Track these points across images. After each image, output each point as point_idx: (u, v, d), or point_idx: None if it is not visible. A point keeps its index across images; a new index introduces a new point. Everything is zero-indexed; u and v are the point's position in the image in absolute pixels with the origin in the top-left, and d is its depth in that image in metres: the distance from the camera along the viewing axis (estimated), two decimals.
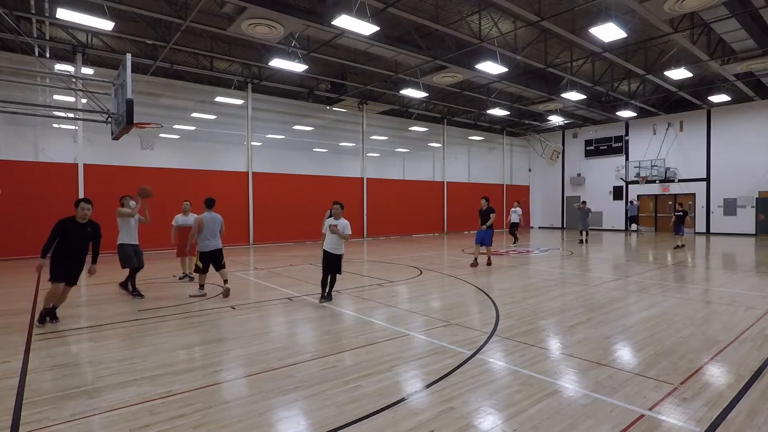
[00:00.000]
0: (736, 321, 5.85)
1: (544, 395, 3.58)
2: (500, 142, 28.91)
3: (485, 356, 4.55)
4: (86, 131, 14.34)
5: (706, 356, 4.50)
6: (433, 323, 5.88)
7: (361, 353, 4.69)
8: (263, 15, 11.17)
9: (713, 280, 9.39)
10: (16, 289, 8.63)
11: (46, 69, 13.18)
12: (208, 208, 7.78)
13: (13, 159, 13.58)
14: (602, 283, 8.86)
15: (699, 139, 23.10)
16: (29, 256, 13.41)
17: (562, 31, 12.88)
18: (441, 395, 3.60)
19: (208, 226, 7.59)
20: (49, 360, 4.57)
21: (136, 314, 6.45)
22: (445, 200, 25.14)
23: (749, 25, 13.14)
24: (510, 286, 8.62)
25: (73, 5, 10.84)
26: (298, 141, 20.26)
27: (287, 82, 18.13)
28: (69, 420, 3.25)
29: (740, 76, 17.68)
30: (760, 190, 21.19)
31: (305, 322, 6.08)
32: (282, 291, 8.26)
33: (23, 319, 6.23)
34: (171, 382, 3.92)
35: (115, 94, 8.17)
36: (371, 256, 14.39)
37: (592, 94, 20.19)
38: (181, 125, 17.17)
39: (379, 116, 22.64)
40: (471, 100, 22.03)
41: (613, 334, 5.30)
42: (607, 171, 26.68)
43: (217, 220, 7.72)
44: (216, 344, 5.10)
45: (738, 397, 3.52)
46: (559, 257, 13.52)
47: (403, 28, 13.54)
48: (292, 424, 3.20)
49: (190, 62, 15.77)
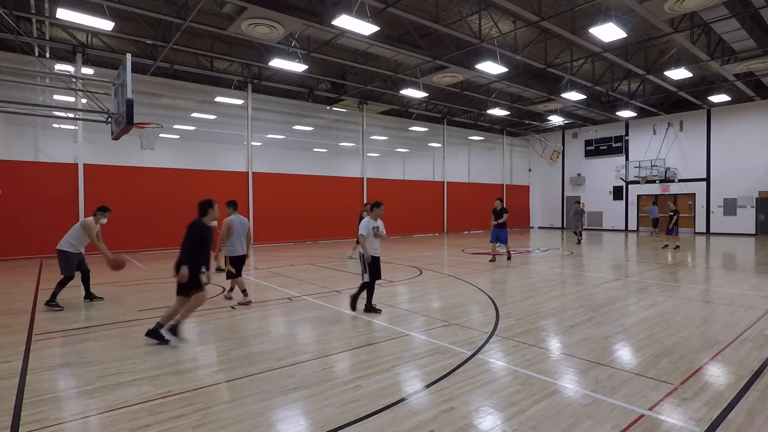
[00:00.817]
0: (736, 321, 5.85)
1: (544, 395, 3.58)
2: (500, 142, 28.90)
3: (485, 356, 4.55)
4: (86, 131, 14.34)
5: (706, 356, 4.50)
6: (433, 323, 5.88)
7: (361, 353, 4.69)
8: (263, 15, 11.17)
9: (713, 280, 9.39)
10: (16, 289, 8.63)
11: (46, 69, 13.17)
12: (234, 210, 7.33)
13: (13, 159, 13.58)
14: (602, 283, 8.86)
15: (699, 139, 23.10)
16: (29, 256, 13.41)
17: (562, 31, 12.87)
18: (441, 395, 3.60)
19: (237, 229, 7.11)
20: (49, 360, 4.57)
21: (136, 314, 6.45)
22: (445, 200, 25.14)
23: (749, 25, 13.14)
24: (510, 286, 8.62)
25: (73, 5, 10.84)
26: (298, 141, 20.26)
27: (287, 82, 18.13)
28: (69, 420, 3.25)
29: (740, 76, 17.68)
30: (760, 190, 21.18)
31: (305, 322, 6.08)
32: (282, 291, 8.26)
33: (23, 318, 6.24)
34: (171, 382, 3.92)
35: (115, 94, 8.17)
36: None
37: (592, 94, 20.18)
38: (181, 125, 17.17)
39: (379, 116, 22.64)
40: (471, 100, 22.03)
41: (613, 334, 5.30)
42: (607, 171, 26.67)
43: (245, 223, 7.26)
44: (216, 344, 5.10)
45: (738, 397, 3.52)
46: (559, 257, 13.52)
47: (403, 28, 13.54)
48: (292, 424, 3.20)
49: (190, 62, 15.76)
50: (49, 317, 6.36)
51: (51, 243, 13.96)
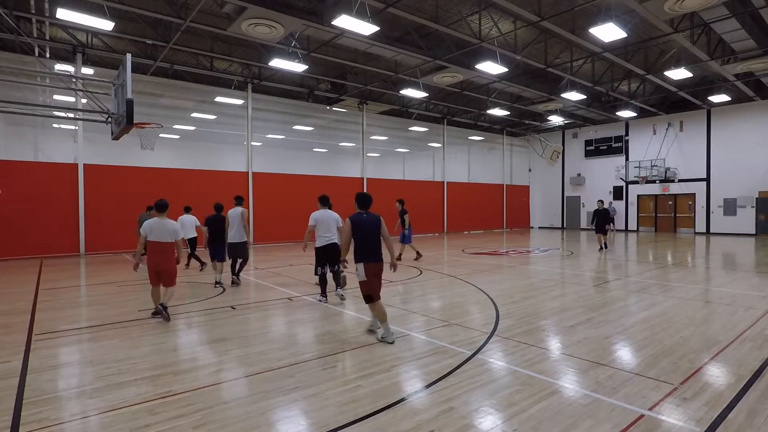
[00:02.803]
0: (736, 321, 5.85)
1: (544, 395, 3.58)
2: (500, 142, 28.90)
3: (485, 356, 4.55)
4: (86, 131, 14.34)
5: (706, 356, 4.49)
6: (433, 323, 5.88)
7: (361, 353, 4.69)
8: (263, 15, 11.17)
9: (713, 280, 9.38)
10: (16, 289, 8.62)
11: (46, 69, 13.18)
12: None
13: (13, 159, 13.58)
14: (602, 283, 8.86)
15: (699, 139, 23.10)
16: (29, 256, 13.42)
17: (562, 31, 12.88)
18: (441, 395, 3.60)
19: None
20: (49, 360, 4.57)
21: (136, 314, 6.45)
22: (445, 200, 25.14)
23: (749, 25, 13.14)
24: (510, 286, 8.62)
25: (73, 5, 10.84)
26: (298, 141, 20.26)
27: (287, 82, 18.13)
28: (69, 420, 3.25)
29: (740, 76, 17.68)
30: (760, 190, 21.19)
31: (305, 322, 6.08)
32: (282, 291, 8.26)
33: (23, 318, 6.24)
34: (171, 382, 3.92)
35: (115, 94, 8.17)
36: None
37: (592, 94, 20.19)
38: (181, 125, 17.18)
39: (379, 116, 22.64)
40: (471, 100, 22.03)
41: (613, 334, 5.30)
42: (607, 171, 26.68)
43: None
44: (216, 344, 5.10)
45: (738, 397, 3.51)
46: (559, 257, 13.52)
47: (403, 28, 13.54)
48: (292, 424, 3.20)
49: (190, 62, 15.77)
50: (49, 317, 6.36)
51: (51, 243, 14.15)
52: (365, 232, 5.14)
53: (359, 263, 5.09)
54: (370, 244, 5.14)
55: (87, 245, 14.29)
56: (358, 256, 5.12)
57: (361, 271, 5.07)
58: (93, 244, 14.39)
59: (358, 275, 5.11)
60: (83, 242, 14.24)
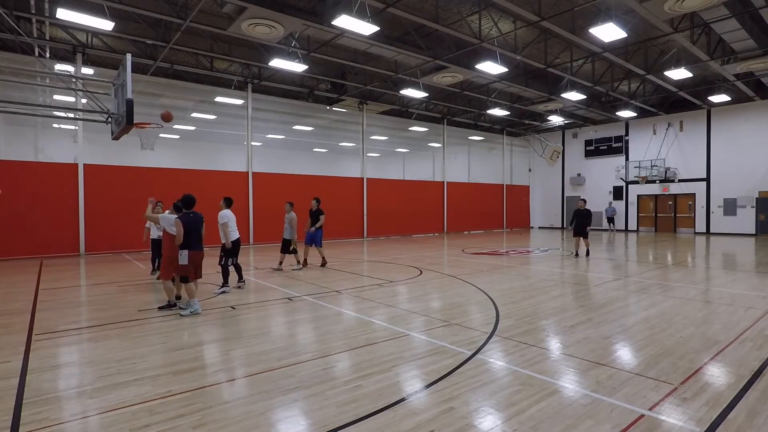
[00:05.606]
0: (736, 321, 5.85)
1: (544, 395, 3.58)
2: (500, 142, 28.91)
3: (485, 356, 4.55)
4: (86, 131, 14.35)
5: (706, 356, 4.49)
6: (433, 323, 5.88)
7: (361, 353, 4.69)
8: (263, 15, 11.17)
9: (713, 280, 9.38)
10: (16, 289, 8.62)
11: (46, 69, 13.17)
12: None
13: (13, 159, 13.59)
14: (602, 283, 8.86)
15: (699, 139, 23.11)
16: (29, 256, 13.42)
17: (562, 31, 12.87)
18: (441, 395, 3.60)
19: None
20: (49, 360, 4.57)
21: (136, 314, 6.45)
22: (445, 200, 25.14)
23: (749, 25, 13.15)
24: (510, 286, 8.62)
25: (73, 5, 10.84)
26: (298, 141, 20.25)
27: (287, 82, 18.13)
28: (69, 420, 3.25)
29: (740, 76, 17.69)
30: (760, 190, 21.19)
31: (305, 322, 6.08)
32: (282, 291, 8.26)
33: (23, 318, 6.24)
34: (171, 382, 3.92)
35: (115, 94, 8.17)
36: (371, 256, 14.39)
37: (592, 94, 20.19)
38: (181, 125, 17.17)
39: (379, 116, 22.64)
40: (471, 100, 22.03)
41: (613, 334, 5.30)
42: (608, 171, 26.69)
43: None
44: (216, 344, 5.10)
45: (738, 397, 3.51)
46: (559, 257, 13.52)
47: (403, 28, 13.54)
48: (292, 424, 3.20)
49: (190, 62, 15.77)
50: (49, 317, 6.36)
51: (51, 243, 14.15)
52: (192, 227, 6.47)
53: (184, 250, 6.31)
54: (196, 236, 6.51)
55: (87, 245, 14.29)
56: (184, 245, 6.34)
57: (185, 256, 6.30)
58: (93, 244, 14.39)
59: (181, 259, 6.31)
60: (83, 242, 14.24)
